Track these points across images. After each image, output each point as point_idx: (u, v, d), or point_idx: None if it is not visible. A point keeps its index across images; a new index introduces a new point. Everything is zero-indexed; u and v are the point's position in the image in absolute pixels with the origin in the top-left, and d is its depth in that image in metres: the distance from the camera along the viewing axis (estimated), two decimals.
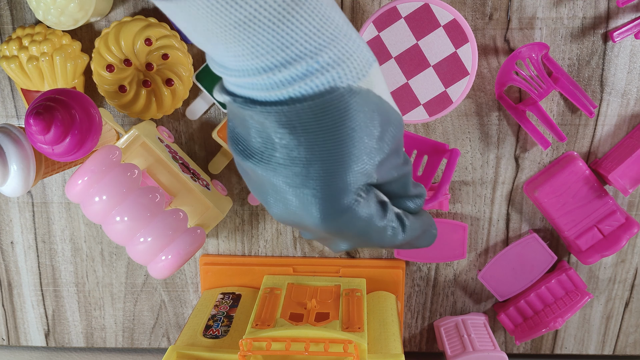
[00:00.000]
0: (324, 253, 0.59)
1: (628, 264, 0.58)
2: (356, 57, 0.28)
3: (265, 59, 0.26)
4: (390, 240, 0.32)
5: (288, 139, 0.27)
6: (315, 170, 0.28)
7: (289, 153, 0.28)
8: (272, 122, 0.27)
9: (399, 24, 0.44)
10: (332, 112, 0.27)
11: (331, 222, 0.29)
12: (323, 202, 0.29)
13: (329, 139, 0.27)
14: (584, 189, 0.53)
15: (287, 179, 0.28)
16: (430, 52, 0.45)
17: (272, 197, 0.30)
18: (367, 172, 0.29)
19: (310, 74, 0.26)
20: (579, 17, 0.51)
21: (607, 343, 0.60)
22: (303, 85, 0.26)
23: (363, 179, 0.29)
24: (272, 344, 0.45)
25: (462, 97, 0.46)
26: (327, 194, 0.28)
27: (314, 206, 0.29)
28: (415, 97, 0.46)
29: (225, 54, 0.27)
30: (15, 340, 0.64)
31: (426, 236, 0.35)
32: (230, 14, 0.24)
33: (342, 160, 0.28)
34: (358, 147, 0.28)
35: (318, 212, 0.29)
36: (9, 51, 0.51)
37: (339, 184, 0.28)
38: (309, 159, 0.28)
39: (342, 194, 0.29)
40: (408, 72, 0.45)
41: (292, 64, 0.26)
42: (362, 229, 0.30)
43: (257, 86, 0.27)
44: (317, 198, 0.29)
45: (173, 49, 0.51)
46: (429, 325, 0.61)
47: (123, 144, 0.50)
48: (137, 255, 0.47)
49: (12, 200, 0.59)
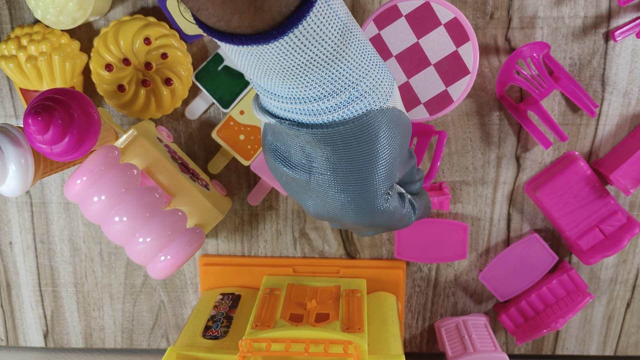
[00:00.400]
0: (323, 253, 0.59)
1: (629, 265, 0.57)
2: (385, 82, 0.33)
3: (316, 90, 0.30)
4: (406, 223, 0.38)
5: (330, 155, 0.32)
6: (353, 179, 0.33)
7: (331, 166, 0.33)
8: (317, 141, 0.32)
9: (400, 22, 0.44)
10: (368, 130, 0.32)
11: (365, 219, 0.34)
12: (359, 205, 0.34)
13: (365, 153, 0.32)
14: (585, 189, 0.53)
15: (329, 186, 0.33)
16: (430, 50, 0.45)
17: (311, 200, 0.35)
18: (393, 176, 0.34)
19: (351, 101, 0.31)
20: (580, 16, 0.50)
21: (609, 344, 0.60)
22: (346, 110, 0.31)
23: (390, 182, 0.34)
24: (271, 344, 0.45)
25: (463, 96, 0.46)
26: (363, 198, 0.33)
27: (352, 208, 0.34)
28: (416, 96, 0.46)
29: (280, 86, 0.31)
30: (14, 340, 0.64)
31: (426, 210, 0.42)
32: (295, 58, 0.28)
33: (375, 169, 0.33)
34: (387, 157, 0.33)
35: (354, 213, 0.34)
36: (8, 51, 0.51)
37: (373, 189, 0.33)
38: (349, 169, 0.33)
39: (375, 197, 0.34)
40: (408, 70, 0.45)
41: (338, 94, 0.31)
42: (388, 219, 0.36)
43: (306, 112, 0.31)
44: (355, 201, 0.33)
45: (172, 48, 0.50)
46: (429, 326, 0.61)
47: (122, 143, 0.50)
48: (136, 256, 0.47)
49: (11, 201, 0.59)
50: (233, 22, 0.27)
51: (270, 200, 0.58)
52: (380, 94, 0.32)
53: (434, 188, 0.55)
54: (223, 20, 0.27)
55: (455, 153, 0.55)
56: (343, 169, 0.33)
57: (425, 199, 0.41)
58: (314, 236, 0.59)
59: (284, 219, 0.58)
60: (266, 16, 0.27)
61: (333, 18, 0.28)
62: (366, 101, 0.31)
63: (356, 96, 0.31)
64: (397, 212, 0.36)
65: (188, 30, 0.52)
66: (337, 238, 0.58)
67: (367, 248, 0.59)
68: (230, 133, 0.54)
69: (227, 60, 0.52)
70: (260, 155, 0.54)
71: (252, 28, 0.27)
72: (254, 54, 0.28)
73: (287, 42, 0.28)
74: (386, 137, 0.33)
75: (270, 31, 0.27)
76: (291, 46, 0.28)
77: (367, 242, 0.58)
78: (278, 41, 0.27)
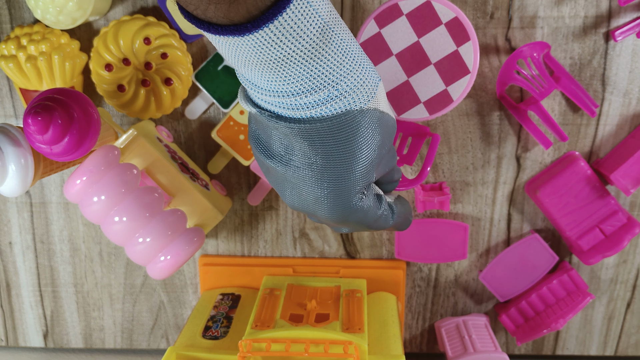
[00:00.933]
0: (323, 254, 0.59)
1: (630, 265, 0.57)
2: (367, 83, 0.33)
3: (294, 85, 0.31)
4: (382, 225, 0.39)
5: (307, 149, 0.33)
6: (328, 175, 0.33)
7: (307, 160, 0.33)
8: (294, 135, 0.32)
9: (400, 21, 0.44)
10: (346, 129, 0.32)
11: (338, 215, 0.35)
12: (333, 201, 0.34)
13: (341, 151, 0.33)
14: (585, 189, 0.53)
15: (304, 180, 0.34)
16: (431, 49, 0.45)
17: (288, 190, 0.35)
18: (369, 176, 0.35)
19: (330, 100, 0.31)
20: (580, 16, 0.50)
21: (609, 344, 0.60)
22: (324, 108, 0.31)
23: (366, 181, 0.34)
24: (271, 345, 0.45)
25: (463, 96, 0.45)
26: (337, 195, 0.34)
27: (326, 203, 0.34)
28: (416, 95, 0.46)
29: (260, 78, 0.31)
30: (14, 341, 0.64)
31: (406, 222, 0.42)
32: (271, 52, 0.29)
33: (351, 167, 0.33)
34: (364, 157, 0.33)
35: (328, 208, 0.34)
36: (7, 50, 0.50)
37: (347, 187, 0.34)
38: (324, 165, 0.33)
39: (349, 195, 0.34)
40: (409, 69, 0.45)
41: (317, 91, 0.31)
42: (362, 218, 0.36)
43: (284, 105, 0.32)
44: (329, 198, 0.34)
45: (172, 48, 0.50)
46: (429, 326, 0.61)
47: (122, 143, 0.50)
48: (136, 256, 0.47)
49: (10, 201, 0.59)
50: (209, 12, 0.27)
51: (270, 200, 0.58)
52: (361, 94, 0.32)
53: (434, 188, 0.55)
54: (199, 9, 0.28)
55: (455, 153, 0.55)
56: (319, 165, 0.33)
57: (407, 209, 0.42)
58: (314, 236, 0.58)
59: (284, 219, 0.58)
60: (241, 9, 0.27)
61: (312, 16, 0.28)
62: (346, 101, 0.32)
63: (336, 95, 0.31)
64: (371, 212, 0.36)
65: (188, 30, 0.52)
66: (337, 238, 0.58)
67: (367, 248, 0.59)
68: (230, 133, 0.54)
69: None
70: None
71: (227, 19, 0.27)
72: (231, 44, 0.29)
73: (263, 35, 0.28)
74: (364, 137, 0.33)
75: (245, 24, 0.27)
76: (267, 40, 0.28)
77: (367, 242, 0.58)
78: (253, 34, 0.28)
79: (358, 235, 0.58)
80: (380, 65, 0.45)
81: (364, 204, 0.35)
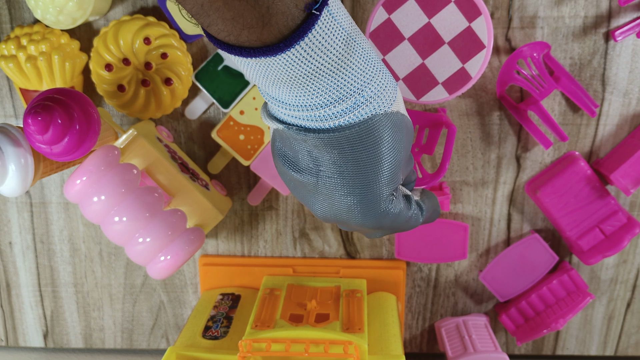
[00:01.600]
0: (323, 254, 0.59)
1: (630, 265, 0.57)
2: (389, 87, 0.33)
3: (323, 97, 0.31)
4: (414, 224, 0.39)
5: (337, 158, 0.33)
6: (360, 181, 0.34)
7: (338, 169, 0.33)
8: (324, 145, 0.33)
9: (409, 4, 0.44)
10: (373, 133, 0.33)
11: (371, 221, 0.35)
12: (365, 206, 0.34)
13: (371, 155, 0.33)
14: (585, 189, 0.53)
15: (335, 189, 0.34)
16: (443, 29, 0.44)
17: (319, 202, 0.35)
18: (397, 178, 0.35)
19: (357, 107, 0.32)
20: (580, 16, 0.50)
21: (609, 344, 0.60)
22: (352, 115, 0.32)
23: (395, 183, 0.35)
24: (271, 345, 0.45)
25: (481, 71, 0.44)
26: (368, 200, 0.34)
27: (358, 210, 0.34)
28: (433, 77, 0.45)
29: (288, 95, 0.32)
30: (14, 341, 0.64)
31: (435, 214, 0.42)
32: (301, 68, 0.29)
33: (380, 171, 0.34)
34: (392, 159, 0.34)
35: (360, 215, 0.35)
36: (7, 50, 0.50)
37: (378, 191, 0.34)
38: (355, 171, 0.33)
39: (380, 199, 0.34)
40: (423, 51, 0.44)
41: (344, 100, 0.32)
42: (395, 220, 0.36)
43: (313, 118, 0.32)
44: (361, 203, 0.34)
45: (172, 48, 0.50)
46: (429, 326, 0.61)
47: (122, 143, 0.49)
48: (136, 256, 0.47)
49: (11, 201, 0.59)
50: (242, 37, 0.28)
51: (270, 200, 0.58)
52: (384, 98, 0.33)
53: (434, 188, 0.55)
54: (232, 35, 0.28)
55: (456, 153, 0.55)
56: (349, 172, 0.33)
57: (434, 201, 0.42)
58: (314, 236, 0.58)
59: (284, 219, 0.58)
60: (273, 30, 0.28)
61: (337, 29, 0.30)
62: (371, 106, 0.32)
63: (362, 101, 0.32)
64: (402, 214, 0.37)
65: (188, 30, 0.52)
66: (337, 238, 0.58)
67: (367, 248, 0.59)
68: (230, 133, 0.54)
69: (227, 60, 0.52)
70: (260, 155, 0.54)
71: (260, 42, 0.29)
72: (262, 65, 0.30)
73: (294, 53, 0.29)
74: (391, 140, 0.34)
75: (278, 44, 0.28)
76: (298, 57, 0.29)
77: (367, 242, 0.58)
78: (285, 53, 0.29)
79: (358, 235, 0.58)
80: (394, 51, 0.45)
81: (395, 207, 0.36)
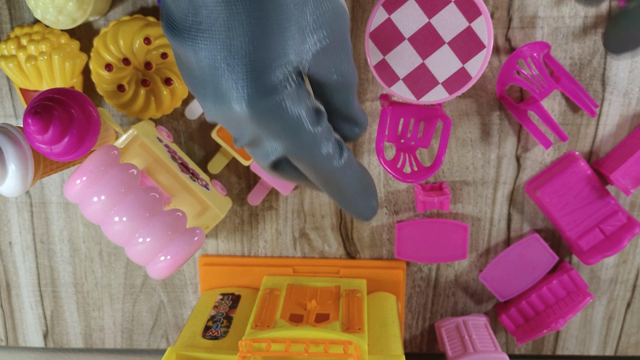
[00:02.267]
0: (323, 253, 0.59)
1: (630, 265, 0.57)
2: None
3: None
4: (325, 162, 0.30)
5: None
6: (239, 36, 0.26)
7: (209, 14, 0.26)
8: None
9: (409, 4, 0.44)
10: None
11: (257, 102, 0.27)
12: (249, 75, 0.27)
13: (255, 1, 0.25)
14: (585, 189, 0.53)
15: (213, 53, 0.26)
16: (443, 29, 0.44)
17: (201, 86, 0.28)
18: (297, 51, 0.27)
19: None
20: (580, 16, 0.50)
21: (609, 344, 0.60)
22: None
23: (292, 57, 0.27)
24: (271, 345, 0.45)
25: (481, 71, 0.45)
26: (253, 66, 0.26)
27: (240, 80, 0.27)
28: (433, 77, 0.45)
29: None
30: (14, 341, 0.64)
31: (366, 198, 0.33)
32: None
33: (270, 28, 0.26)
34: (289, 17, 0.26)
35: (244, 89, 0.27)
36: (7, 50, 0.50)
37: (266, 55, 0.26)
38: (231, 22, 0.26)
39: (269, 68, 0.26)
40: (423, 51, 0.45)
41: None
42: (291, 127, 0.28)
43: None
44: (243, 70, 0.26)
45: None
46: (429, 326, 0.61)
47: (122, 143, 0.50)
48: (136, 256, 0.47)
49: (10, 201, 0.59)
50: None
51: (270, 200, 0.58)
52: None
53: (434, 188, 0.55)
54: None
55: (455, 153, 0.55)
56: (223, 23, 0.26)
57: (369, 180, 0.33)
58: (314, 236, 0.58)
59: (284, 219, 0.58)
60: None
61: None
62: None
63: None
64: (302, 123, 0.28)
65: None
66: (337, 238, 0.58)
67: (367, 248, 0.59)
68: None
69: None
70: None
71: None
72: None
73: None
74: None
75: None
76: None
77: (367, 242, 0.58)
78: None
79: (358, 235, 0.58)
80: (394, 51, 0.45)
81: (288, 97, 0.27)
